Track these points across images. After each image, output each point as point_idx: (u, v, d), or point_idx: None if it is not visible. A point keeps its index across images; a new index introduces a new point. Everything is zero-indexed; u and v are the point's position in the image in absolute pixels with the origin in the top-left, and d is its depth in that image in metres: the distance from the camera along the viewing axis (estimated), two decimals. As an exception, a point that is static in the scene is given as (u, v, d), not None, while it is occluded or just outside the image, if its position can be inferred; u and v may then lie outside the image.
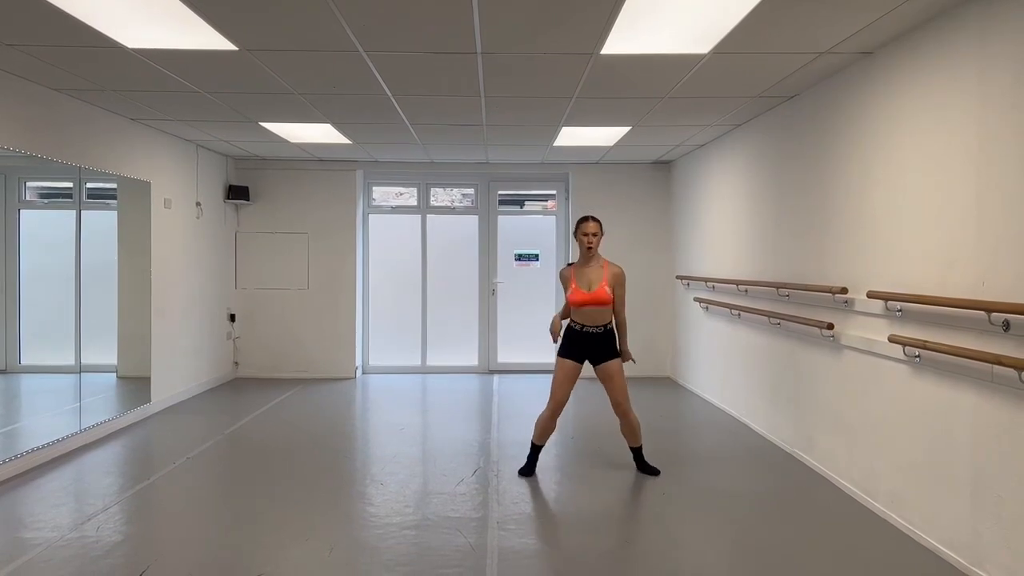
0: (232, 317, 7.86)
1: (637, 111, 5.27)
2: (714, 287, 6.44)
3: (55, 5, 3.21)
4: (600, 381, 4.38)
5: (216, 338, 7.48)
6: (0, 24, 3.49)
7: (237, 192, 7.67)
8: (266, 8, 3.24)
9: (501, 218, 8.44)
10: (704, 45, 3.72)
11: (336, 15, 3.30)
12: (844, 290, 4.01)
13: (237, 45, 3.76)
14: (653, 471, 4.44)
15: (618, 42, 3.66)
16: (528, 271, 8.42)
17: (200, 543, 3.40)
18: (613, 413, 4.48)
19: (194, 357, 6.95)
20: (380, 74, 4.30)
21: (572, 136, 6.28)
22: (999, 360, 2.76)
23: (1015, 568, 2.78)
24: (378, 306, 8.41)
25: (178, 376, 6.62)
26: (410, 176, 8.31)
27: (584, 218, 4.37)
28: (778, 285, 4.88)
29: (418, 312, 8.40)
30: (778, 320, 4.95)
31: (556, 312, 4.36)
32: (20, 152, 4.52)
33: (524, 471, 4.45)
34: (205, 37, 3.62)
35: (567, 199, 8.26)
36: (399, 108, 5.21)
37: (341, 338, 8.01)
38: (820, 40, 3.61)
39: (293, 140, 6.56)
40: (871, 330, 3.81)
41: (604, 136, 6.28)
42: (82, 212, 5.24)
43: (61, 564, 3.13)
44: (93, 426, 5.26)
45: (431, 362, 8.41)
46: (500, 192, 8.45)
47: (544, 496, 4.13)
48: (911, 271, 3.45)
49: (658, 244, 8.08)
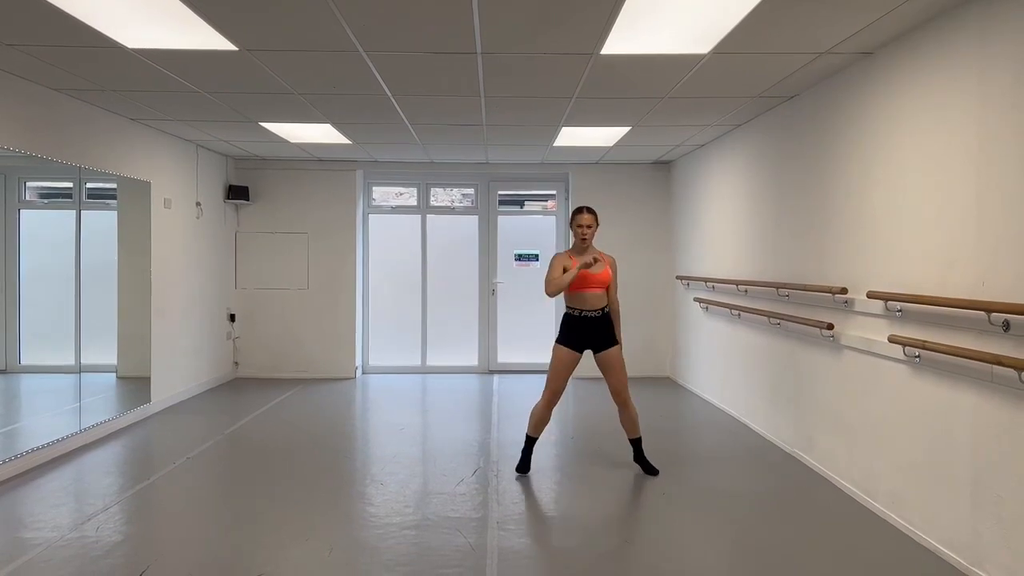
0: (232, 317, 7.86)
1: (637, 111, 5.27)
2: (714, 287, 6.44)
3: (55, 5, 3.21)
4: (600, 369, 4.38)
5: (216, 338, 7.48)
6: (0, 24, 3.49)
7: (237, 192, 7.67)
8: (266, 8, 3.24)
9: (501, 218, 8.44)
10: (704, 45, 3.72)
11: (336, 15, 3.30)
12: (844, 290, 4.01)
13: (237, 45, 3.76)
14: (652, 469, 4.43)
15: (618, 42, 3.66)
16: (528, 271, 8.42)
17: (200, 543, 3.40)
18: (613, 413, 4.48)
19: (194, 357, 6.95)
20: (380, 74, 4.30)
21: (572, 136, 6.28)
22: (999, 360, 2.76)
23: (1015, 568, 2.78)
24: (378, 306, 8.41)
25: (178, 376, 6.62)
26: (410, 176, 8.31)
27: (579, 209, 4.41)
28: (778, 285, 4.88)
29: (418, 312, 8.40)
30: (778, 320, 4.95)
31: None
32: (20, 152, 4.52)
33: (520, 468, 4.45)
34: (205, 37, 3.62)
35: (567, 199, 8.25)
36: (399, 108, 5.21)
37: (341, 338, 8.01)
38: (820, 40, 3.61)
39: (293, 140, 6.56)
40: (871, 330, 3.81)
41: (604, 136, 6.28)
42: (82, 212, 5.24)
43: (61, 564, 3.13)
44: (93, 426, 5.26)
45: (431, 362, 8.41)
46: (500, 192, 8.45)
47: (544, 496, 4.13)
48: (911, 271, 3.45)
49: (658, 244, 8.08)
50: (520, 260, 8.44)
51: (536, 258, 8.42)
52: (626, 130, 5.99)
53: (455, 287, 8.40)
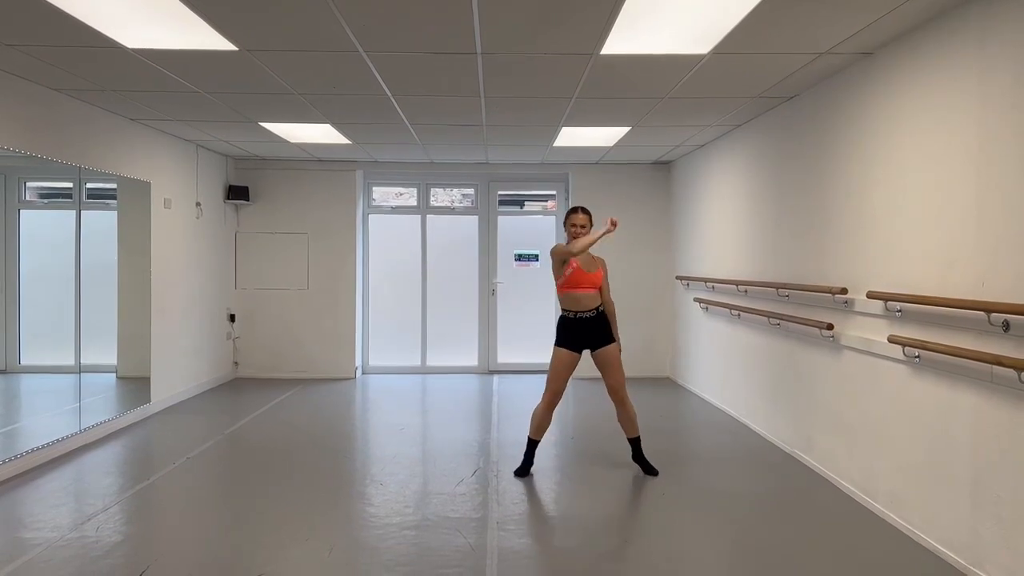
0: (232, 317, 7.86)
1: (637, 111, 5.27)
2: (714, 287, 6.44)
3: (55, 5, 3.21)
4: (597, 367, 4.39)
5: (216, 338, 7.47)
6: (0, 24, 3.49)
7: (237, 192, 7.67)
8: (266, 8, 3.24)
9: (501, 218, 8.44)
10: (704, 45, 3.72)
11: (336, 15, 3.30)
12: (844, 290, 4.01)
13: (237, 45, 3.76)
14: (651, 469, 4.43)
15: (618, 42, 3.66)
16: (528, 271, 8.42)
17: (200, 543, 3.40)
18: (613, 413, 4.48)
19: (194, 357, 6.95)
20: (380, 74, 4.30)
21: (572, 136, 6.28)
22: (999, 360, 2.76)
23: (1015, 568, 2.77)
24: (378, 306, 8.41)
25: (178, 376, 6.62)
26: (410, 176, 8.31)
27: (574, 209, 4.44)
28: (778, 285, 4.88)
29: (418, 312, 8.40)
30: (778, 320, 4.95)
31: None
32: (20, 152, 4.52)
33: (520, 471, 4.42)
34: (205, 37, 3.62)
35: (567, 199, 8.25)
36: (399, 108, 5.21)
37: (341, 338, 8.01)
38: (820, 40, 3.61)
39: (293, 140, 6.56)
40: (871, 330, 3.81)
41: (604, 136, 6.28)
42: (82, 212, 5.23)
43: (61, 564, 3.13)
44: (93, 426, 5.26)
45: (431, 362, 8.40)
46: (500, 192, 8.45)
47: (544, 496, 4.13)
48: (911, 271, 3.45)
49: (658, 244, 8.08)
50: (520, 260, 8.44)
51: (536, 258, 8.42)
52: (626, 130, 5.99)
53: (455, 287, 8.40)
